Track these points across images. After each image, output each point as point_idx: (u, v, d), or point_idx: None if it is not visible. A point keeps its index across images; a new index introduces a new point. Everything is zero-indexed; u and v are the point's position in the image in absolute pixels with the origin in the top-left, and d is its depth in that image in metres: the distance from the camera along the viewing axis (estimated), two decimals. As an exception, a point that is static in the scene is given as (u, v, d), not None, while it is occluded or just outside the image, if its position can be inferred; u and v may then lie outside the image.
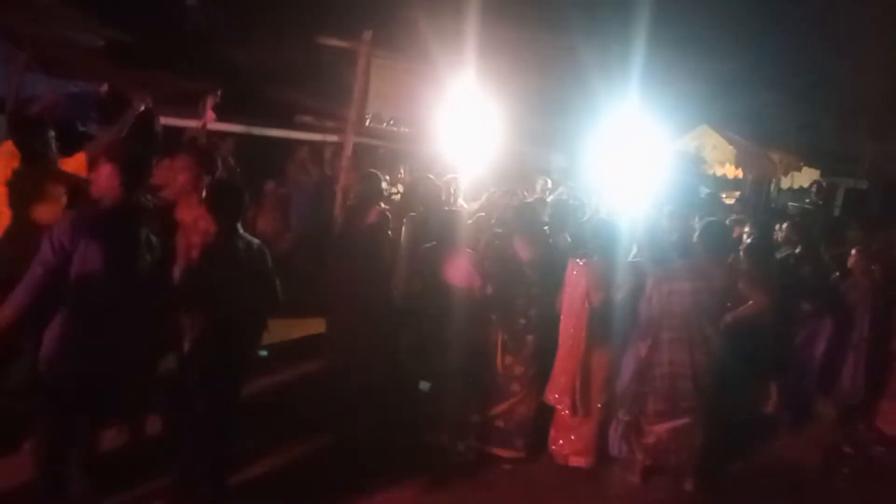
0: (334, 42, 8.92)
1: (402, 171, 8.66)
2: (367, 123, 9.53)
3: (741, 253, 5.46)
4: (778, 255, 6.23)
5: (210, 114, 7.50)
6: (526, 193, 8.26)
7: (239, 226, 3.73)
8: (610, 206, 7.54)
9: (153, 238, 3.58)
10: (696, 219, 5.77)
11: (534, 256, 4.91)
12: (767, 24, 16.17)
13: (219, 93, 7.45)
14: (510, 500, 4.53)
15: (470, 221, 5.32)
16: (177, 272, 3.94)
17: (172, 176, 4.44)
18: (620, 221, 5.92)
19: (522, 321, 4.85)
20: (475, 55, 9.42)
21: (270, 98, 9.35)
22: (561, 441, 4.97)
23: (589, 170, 10.03)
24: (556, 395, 4.86)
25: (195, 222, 4.06)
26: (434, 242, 4.97)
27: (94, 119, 7.59)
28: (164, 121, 7.68)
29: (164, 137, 7.75)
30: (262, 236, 8.37)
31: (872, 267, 6.10)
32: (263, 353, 6.14)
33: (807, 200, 11.88)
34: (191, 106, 7.76)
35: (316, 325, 6.48)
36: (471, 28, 10.06)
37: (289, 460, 4.58)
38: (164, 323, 3.81)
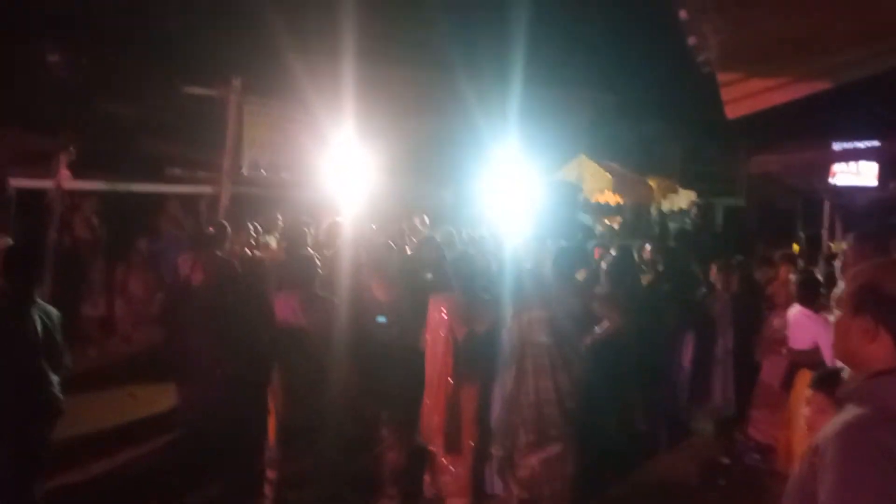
0: (202, 91, 8.74)
1: (279, 217, 8.47)
2: (243, 172, 9.33)
3: (599, 276, 5.56)
4: (644, 275, 6.41)
5: (64, 172, 7.16)
6: (406, 231, 8.25)
7: (35, 292, 3.46)
8: (490, 240, 7.61)
9: None
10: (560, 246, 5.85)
11: (392, 296, 4.83)
12: (647, 56, 16.98)
13: (72, 149, 7.13)
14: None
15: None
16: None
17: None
18: (488, 254, 5.97)
19: (384, 364, 4.74)
20: (355, 97, 9.43)
21: (138, 152, 9.02)
22: (437, 484, 4.85)
23: (473, 203, 10.16)
24: (428, 436, 4.75)
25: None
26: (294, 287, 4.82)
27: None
28: (16, 183, 7.29)
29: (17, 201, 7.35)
30: (134, 297, 8.06)
31: (731, 280, 6.34)
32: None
33: (687, 221, 12.40)
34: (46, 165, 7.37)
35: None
36: (349, 71, 10.07)
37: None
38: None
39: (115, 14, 10.26)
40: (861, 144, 10.17)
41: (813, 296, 5.01)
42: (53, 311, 3.56)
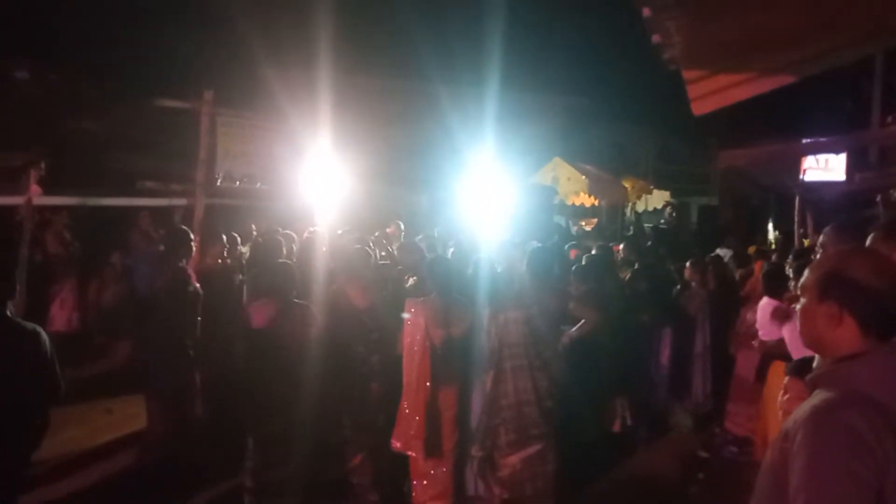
0: (174, 103, 8.67)
1: (253, 228, 8.44)
2: (218, 183, 9.26)
3: (575, 276, 5.59)
4: (621, 274, 6.46)
5: (35, 188, 7.06)
6: (382, 238, 8.25)
7: (8, 310, 3.38)
8: (467, 244, 7.62)
9: None
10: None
11: (370, 302, 4.82)
12: (619, 60, 17.18)
13: (42, 165, 7.04)
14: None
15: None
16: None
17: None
18: (463, 257, 5.98)
19: (365, 369, 4.72)
20: (329, 106, 9.42)
21: (109, 166, 8.93)
22: (418, 488, 4.82)
23: (451, 209, 10.19)
24: (406, 441, 4.73)
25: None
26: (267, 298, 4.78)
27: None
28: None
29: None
30: (108, 311, 7.97)
31: (706, 277, 6.42)
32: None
33: (661, 220, 12.54)
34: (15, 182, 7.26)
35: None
36: (323, 80, 10.06)
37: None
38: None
39: (85, 28, 10.18)
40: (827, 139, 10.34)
41: (780, 288, 5.07)
42: (33, 328, 3.44)
